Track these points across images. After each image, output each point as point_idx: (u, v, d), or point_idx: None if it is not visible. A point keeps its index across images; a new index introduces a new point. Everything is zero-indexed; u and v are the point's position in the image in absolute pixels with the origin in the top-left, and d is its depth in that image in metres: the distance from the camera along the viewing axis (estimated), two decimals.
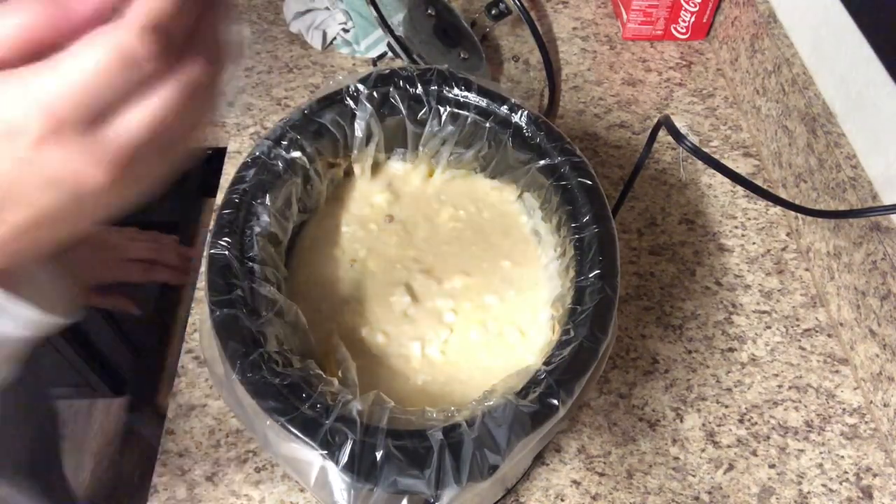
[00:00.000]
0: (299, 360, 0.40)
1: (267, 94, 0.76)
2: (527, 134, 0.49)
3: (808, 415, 0.56)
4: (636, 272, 0.64)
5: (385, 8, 0.69)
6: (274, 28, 0.84)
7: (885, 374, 0.54)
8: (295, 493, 0.51)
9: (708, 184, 0.71)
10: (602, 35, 0.85)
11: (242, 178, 0.45)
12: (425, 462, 0.35)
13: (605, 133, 0.75)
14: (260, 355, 0.38)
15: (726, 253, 0.66)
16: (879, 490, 0.53)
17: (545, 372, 0.38)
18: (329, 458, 0.35)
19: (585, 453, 0.54)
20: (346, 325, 0.47)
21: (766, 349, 0.60)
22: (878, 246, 0.55)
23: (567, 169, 0.47)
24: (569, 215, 0.46)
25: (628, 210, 0.68)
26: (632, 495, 0.52)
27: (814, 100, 0.64)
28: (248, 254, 0.42)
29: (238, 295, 0.40)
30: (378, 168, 0.54)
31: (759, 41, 0.73)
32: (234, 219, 0.43)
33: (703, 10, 0.81)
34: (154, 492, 0.51)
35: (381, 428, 0.36)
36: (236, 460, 0.52)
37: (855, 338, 0.58)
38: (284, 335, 0.41)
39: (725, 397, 0.57)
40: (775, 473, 0.53)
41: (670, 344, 0.60)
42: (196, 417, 0.54)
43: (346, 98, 0.49)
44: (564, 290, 0.44)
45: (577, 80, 0.80)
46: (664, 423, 0.55)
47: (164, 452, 0.52)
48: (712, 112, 0.77)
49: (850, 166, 0.59)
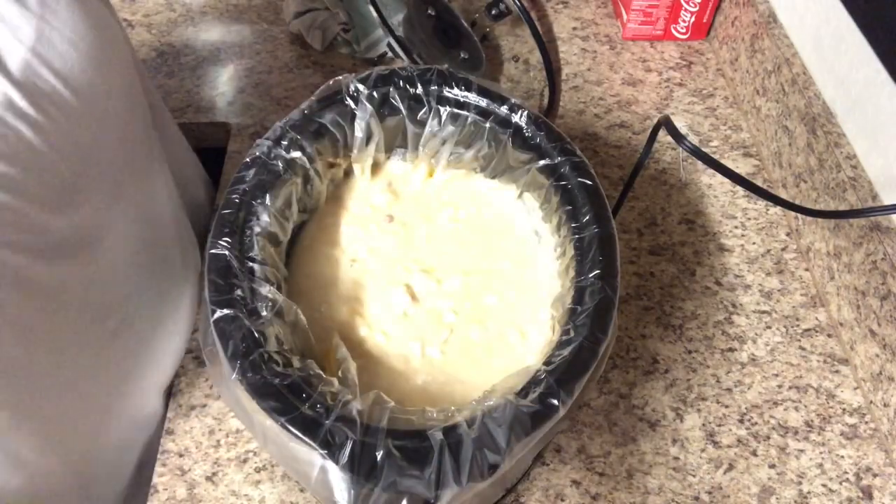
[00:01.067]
0: (299, 360, 0.40)
1: (267, 94, 0.76)
2: (527, 134, 0.49)
3: (808, 415, 0.56)
4: (636, 272, 0.64)
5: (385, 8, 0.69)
6: (274, 28, 0.84)
7: (885, 374, 0.54)
8: (295, 493, 0.51)
9: (708, 184, 0.71)
10: (602, 35, 0.85)
11: (242, 178, 0.45)
12: (425, 462, 0.35)
13: (605, 133, 0.75)
14: (260, 355, 0.38)
15: (726, 253, 0.66)
16: (879, 490, 0.53)
17: (545, 372, 0.38)
18: (329, 457, 0.35)
19: (585, 453, 0.54)
20: (346, 325, 0.47)
21: (766, 349, 0.60)
22: (878, 246, 0.55)
23: (567, 169, 0.47)
24: (569, 215, 0.46)
25: (628, 210, 0.68)
26: (632, 495, 0.52)
27: (814, 100, 0.64)
28: (248, 254, 0.42)
29: (238, 295, 0.40)
30: (378, 168, 0.54)
31: (759, 41, 0.73)
32: (234, 219, 0.43)
33: (703, 10, 0.81)
34: (154, 492, 0.51)
35: (381, 428, 0.36)
36: (236, 460, 0.52)
37: (855, 338, 0.58)
38: (284, 335, 0.41)
39: (725, 397, 0.57)
40: (775, 473, 0.53)
41: (670, 344, 0.60)
42: (196, 417, 0.54)
43: (346, 98, 0.49)
44: (564, 290, 0.44)
45: (577, 80, 0.80)
46: (664, 423, 0.55)
47: (164, 452, 0.53)
48: (712, 112, 0.77)
49: (850, 166, 0.59)
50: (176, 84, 0.77)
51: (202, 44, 0.82)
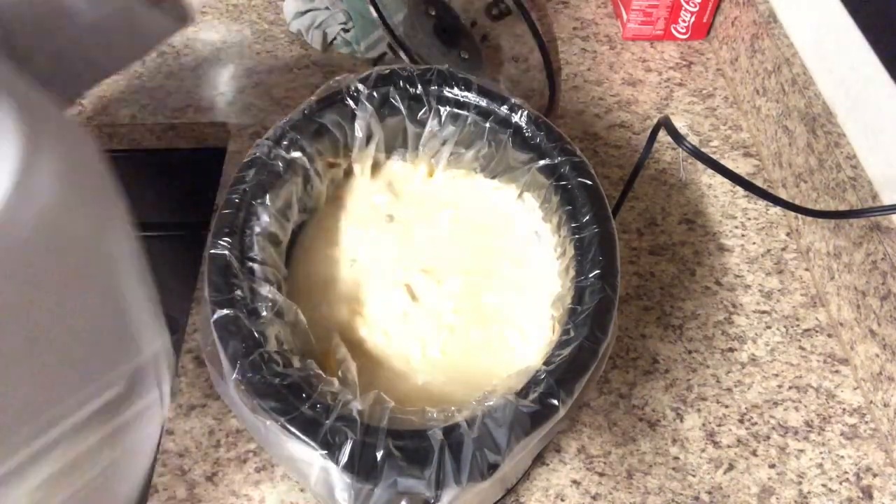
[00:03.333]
0: (299, 360, 0.40)
1: (267, 94, 0.76)
2: (527, 134, 0.49)
3: (808, 415, 0.56)
4: (636, 272, 0.64)
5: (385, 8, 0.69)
6: (274, 28, 0.84)
7: (885, 374, 0.54)
8: (295, 493, 0.51)
9: (708, 184, 0.71)
10: (602, 35, 0.85)
11: (242, 178, 0.45)
12: (425, 462, 0.35)
13: (605, 133, 0.75)
14: (260, 355, 0.38)
15: (726, 253, 0.66)
16: (879, 490, 0.53)
17: (545, 372, 0.38)
18: (329, 458, 0.35)
19: (585, 453, 0.54)
20: (346, 325, 0.47)
21: (766, 349, 0.60)
22: (878, 246, 0.55)
23: (567, 169, 0.47)
24: (569, 215, 0.46)
25: (628, 210, 0.68)
26: (632, 495, 0.52)
27: (814, 100, 0.64)
28: (248, 254, 0.42)
29: (238, 295, 0.40)
30: (378, 168, 0.54)
31: (759, 41, 0.73)
32: (234, 219, 0.43)
33: (703, 10, 0.81)
34: (154, 492, 0.51)
35: (381, 428, 0.36)
36: (236, 460, 0.52)
37: (855, 338, 0.58)
38: (284, 335, 0.41)
39: (725, 397, 0.57)
40: (775, 473, 0.53)
41: (670, 344, 0.60)
42: (196, 417, 0.54)
43: (346, 98, 0.49)
44: (564, 290, 0.44)
45: (577, 80, 0.80)
46: (664, 423, 0.55)
47: (163, 452, 0.52)
48: (712, 112, 0.77)
49: (850, 166, 0.59)
50: (176, 84, 0.77)
51: (202, 44, 0.82)
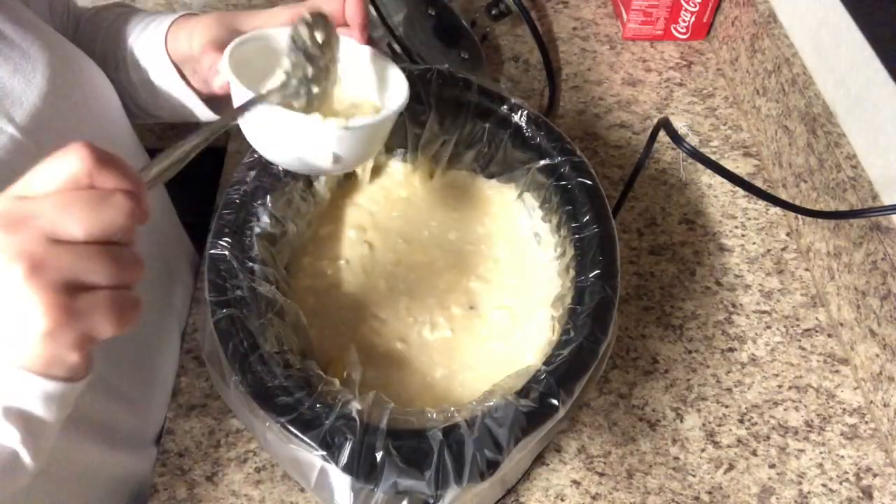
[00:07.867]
0: (299, 360, 0.40)
1: None
2: (527, 134, 0.49)
3: (808, 415, 0.56)
4: (636, 272, 0.64)
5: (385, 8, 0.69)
6: None
7: (885, 374, 0.54)
8: (295, 493, 0.51)
9: (708, 184, 0.71)
10: (602, 35, 0.85)
11: (243, 178, 0.45)
12: (425, 462, 0.35)
13: (605, 133, 0.75)
14: (260, 355, 0.38)
15: (726, 253, 0.66)
16: (879, 490, 0.53)
17: (545, 372, 0.38)
18: (329, 458, 0.35)
19: (585, 453, 0.54)
20: (346, 325, 0.47)
21: (766, 349, 0.60)
22: (878, 246, 0.55)
23: (567, 169, 0.47)
24: (569, 215, 0.46)
25: (628, 210, 0.68)
26: (632, 495, 0.52)
27: (814, 100, 0.64)
28: (248, 254, 0.42)
29: (238, 295, 0.40)
30: (378, 168, 0.54)
31: (759, 41, 0.73)
32: (235, 219, 0.43)
33: (703, 10, 0.81)
34: (154, 492, 0.51)
35: (381, 428, 0.36)
36: (236, 460, 0.52)
37: (855, 338, 0.58)
38: (284, 335, 0.41)
39: (725, 397, 0.57)
40: (775, 473, 0.53)
41: (670, 344, 0.60)
42: (196, 417, 0.54)
43: None
44: (564, 290, 0.44)
45: (577, 80, 0.80)
46: (664, 423, 0.55)
47: (164, 452, 0.52)
48: (712, 112, 0.77)
49: (850, 166, 0.59)
50: None
51: None
